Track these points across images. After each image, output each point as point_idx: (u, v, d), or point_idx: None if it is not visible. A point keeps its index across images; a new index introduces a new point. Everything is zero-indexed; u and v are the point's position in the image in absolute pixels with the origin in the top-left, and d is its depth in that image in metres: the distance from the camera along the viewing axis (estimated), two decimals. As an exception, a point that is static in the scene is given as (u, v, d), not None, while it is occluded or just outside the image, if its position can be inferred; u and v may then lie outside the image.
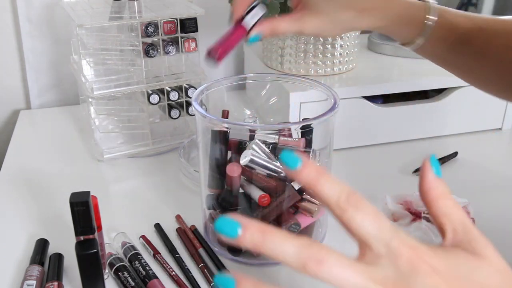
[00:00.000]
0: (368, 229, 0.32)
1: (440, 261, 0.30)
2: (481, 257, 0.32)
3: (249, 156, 0.57)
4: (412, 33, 0.58)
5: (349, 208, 0.32)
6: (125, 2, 0.86)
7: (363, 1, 0.56)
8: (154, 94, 0.83)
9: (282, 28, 0.55)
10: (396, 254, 0.30)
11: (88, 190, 0.53)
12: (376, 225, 0.32)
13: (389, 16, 0.57)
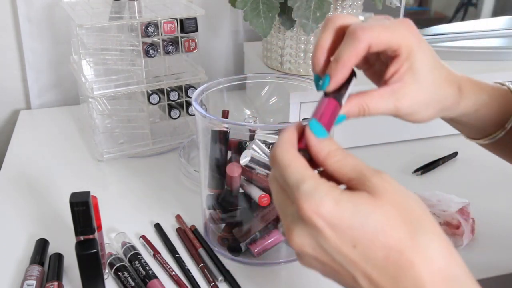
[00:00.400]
0: None
1: (337, 213, 0.33)
2: (377, 195, 0.34)
3: (249, 156, 0.57)
4: (497, 122, 0.51)
5: None
6: (125, 2, 0.86)
7: (460, 79, 0.48)
8: (154, 94, 0.83)
9: (374, 107, 0.43)
10: (300, 212, 0.34)
11: (88, 190, 0.53)
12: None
13: (481, 99, 0.49)
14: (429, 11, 1.17)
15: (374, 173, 0.35)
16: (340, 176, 0.36)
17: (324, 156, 0.37)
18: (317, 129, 0.38)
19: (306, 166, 0.36)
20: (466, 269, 0.38)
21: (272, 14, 0.77)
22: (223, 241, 0.62)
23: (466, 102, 0.49)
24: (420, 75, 0.44)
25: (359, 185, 0.35)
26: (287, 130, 0.38)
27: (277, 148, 0.37)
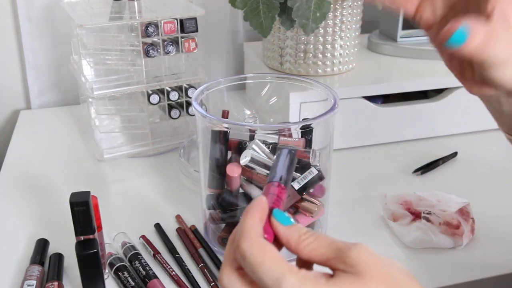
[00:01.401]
0: None
1: None
2: (361, 274, 0.32)
3: (249, 156, 0.57)
4: None
5: None
6: (125, 2, 0.86)
7: None
8: (154, 94, 0.83)
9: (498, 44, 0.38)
10: None
11: (88, 190, 0.53)
12: None
13: None
14: (429, 11, 1.16)
15: (351, 246, 0.34)
16: (317, 258, 0.34)
17: (295, 241, 0.35)
18: (282, 217, 0.37)
19: (281, 259, 0.33)
20: None
21: (272, 14, 0.77)
22: (223, 241, 0.62)
23: None
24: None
25: (339, 263, 0.33)
26: (249, 216, 0.35)
27: (243, 242, 0.34)
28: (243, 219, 0.36)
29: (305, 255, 0.35)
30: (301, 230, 0.35)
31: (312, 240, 0.35)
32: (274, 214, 0.37)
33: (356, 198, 0.74)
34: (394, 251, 0.63)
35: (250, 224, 0.35)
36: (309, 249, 0.34)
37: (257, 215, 0.36)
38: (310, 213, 0.60)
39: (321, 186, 0.61)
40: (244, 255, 0.33)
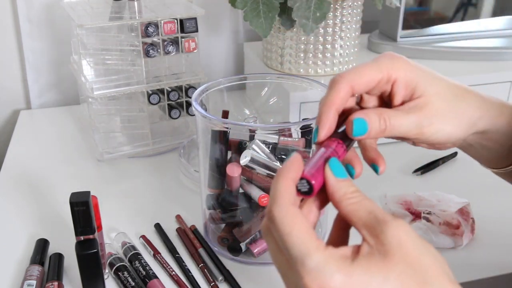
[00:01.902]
0: None
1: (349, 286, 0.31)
2: (391, 255, 0.32)
3: (249, 156, 0.57)
4: None
5: None
6: (125, 2, 0.86)
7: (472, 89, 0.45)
8: (154, 94, 0.83)
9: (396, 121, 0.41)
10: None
11: (88, 190, 0.53)
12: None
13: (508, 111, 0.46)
14: (429, 11, 1.17)
15: (389, 221, 0.33)
16: (353, 219, 0.35)
17: (339, 196, 0.35)
18: (337, 168, 0.37)
19: (309, 233, 0.33)
20: None
21: (272, 14, 0.77)
22: (223, 241, 0.62)
23: (493, 111, 0.45)
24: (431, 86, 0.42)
25: (372, 236, 0.33)
26: (281, 178, 0.35)
27: (274, 208, 0.34)
28: (275, 180, 0.35)
29: (344, 212, 0.35)
30: (349, 188, 0.36)
31: (356, 201, 0.35)
32: (330, 163, 0.36)
33: (356, 198, 0.74)
34: (394, 251, 0.63)
35: (282, 188, 0.34)
36: (349, 209, 0.35)
37: (290, 176, 0.35)
38: (310, 213, 0.60)
39: (321, 186, 0.61)
40: (273, 222, 0.33)
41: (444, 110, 0.42)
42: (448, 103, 0.43)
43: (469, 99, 0.44)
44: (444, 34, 1.04)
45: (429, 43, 1.00)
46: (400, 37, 0.99)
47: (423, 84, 0.42)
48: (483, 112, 0.45)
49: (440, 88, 0.43)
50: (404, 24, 0.98)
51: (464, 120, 0.44)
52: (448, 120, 0.43)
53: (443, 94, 0.43)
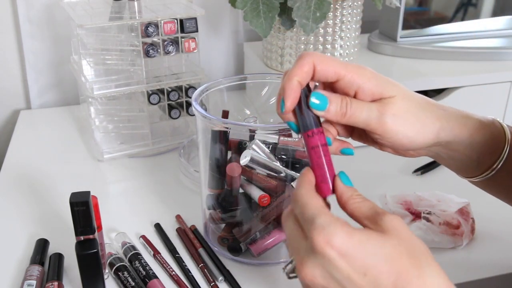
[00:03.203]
0: None
1: (349, 243, 0.36)
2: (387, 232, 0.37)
3: (249, 156, 0.57)
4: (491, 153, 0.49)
5: None
6: (125, 2, 0.86)
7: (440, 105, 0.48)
8: (154, 94, 0.83)
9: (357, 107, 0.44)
10: (312, 244, 0.37)
11: (88, 190, 0.53)
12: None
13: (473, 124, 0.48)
14: (429, 11, 1.17)
15: (387, 213, 0.39)
16: (356, 215, 0.40)
17: (346, 197, 0.42)
18: (345, 178, 0.44)
19: (323, 205, 0.40)
20: None
21: (272, 14, 0.77)
22: (223, 241, 0.62)
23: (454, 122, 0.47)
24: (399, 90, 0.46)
25: (372, 223, 0.39)
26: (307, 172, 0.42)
27: (298, 188, 0.41)
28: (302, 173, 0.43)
29: (349, 210, 0.41)
30: (354, 192, 0.42)
31: (359, 201, 0.41)
32: (340, 175, 0.43)
33: (356, 198, 0.74)
34: (394, 251, 0.63)
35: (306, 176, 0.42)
36: (353, 207, 0.41)
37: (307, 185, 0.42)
38: (310, 213, 0.60)
39: (321, 186, 0.61)
40: (296, 198, 0.41)
41: (407, 114, 0.45)
42: (412, 109, 0.45)
43: (430, 110, 0.47)
44: (444, 34, 1.04)
45: (429, 43, 1.00)
46: (400, 37, 0.99)
47: (391, 89, 0.45)
48: (444, 124, 0.47)
49: (405, 95, 0.46)
50: (404, 24, 0.98)
51: (427, 129, 0.46)
52: (410, 124, 0.45)
53: (408, 101, 0.45)
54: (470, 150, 0.48)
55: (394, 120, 0.44)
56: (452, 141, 0.48)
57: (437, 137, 0.47)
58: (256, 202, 0.59)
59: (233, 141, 0.62)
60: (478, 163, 0.50)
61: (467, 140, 0.48)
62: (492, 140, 0.48)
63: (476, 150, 0.48)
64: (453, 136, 0.47)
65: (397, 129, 0.45)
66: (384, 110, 0.44)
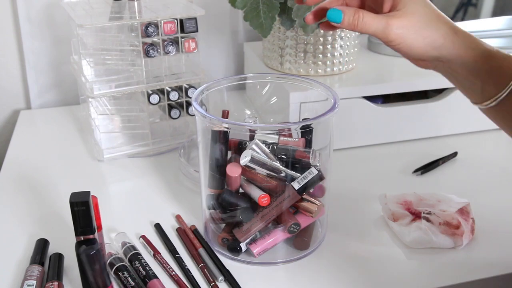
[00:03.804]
0: None
1: None
2: None
3: (249, 156, 0.57)
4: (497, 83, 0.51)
5: None
6: (125, 2, 0.86)
7: (455, 25, 0.52)
8: (154, 94, 0.83)
9: (367, 20, 0.50)
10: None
11: (88, 190, 0.53)
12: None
13: (480, 51, 0.51)
14: (429, 11, 1.16)
15: None
16: None
17: None
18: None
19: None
20: None
21: (272, 14, 0.77)
22: (223, 241, 0.62)
23: (462, 44, 0.51)
24: (412, 5, 0.50)
25: None
26: None
27: None
28: None
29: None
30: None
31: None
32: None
33: (356, 198, 0.74)
34: (394, 251, 0.63)
35: None
36: None
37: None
38: (310, 213, 0.60)
39: (321, 186, 0.61)
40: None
41: (411, 28, 0.50)
42: (417, 25, 0.51)
43: (438, 27, 0.51)
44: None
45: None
46: (400, 37, 0.99)
47: (404, 1, 0.51)
48: (448, 42, 0.51)
49: (418, 9, 0.51)
50: (404, 24, 0.98)
51: (425, 41, 0.51)
52: (412, 39, 0.51)
53: (418, 15, 0.51)
54: (474, 76, 0.52)
55: (398, 33, 0.50)
56: (454, 60, 0.52)
57: (439, 53, 0.52)
58: (256, 202, 0.59)
59: (233, 141, 0.62)
60: (482, 90, 0.52)
61: (471, 65, 0.51)
62: (498, 71, 0.50)
63: (481, 77, 0.51)
64: (456, 56, 0.51)
65: (399, 41, 0.51)
66: (391, 23, 0.50)
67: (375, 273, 0.60)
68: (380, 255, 0.62)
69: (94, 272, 0.53)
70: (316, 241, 0.64)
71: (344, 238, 0.66)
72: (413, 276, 0.59)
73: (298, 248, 0.62)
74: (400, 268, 0.60)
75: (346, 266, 0.61)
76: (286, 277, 0.60)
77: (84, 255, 0.53)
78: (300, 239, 0.62)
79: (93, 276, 0.53)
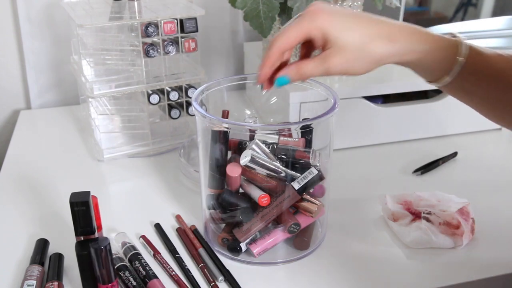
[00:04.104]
0: None
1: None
2: None
3: (249, 156, 0.57)
4: (443, 70, 0.54)
5: None
6: (125, 2, 0.86)
7: (395, 30, 0.53)
8: (154, 94, 0.83)
9: (309, 70, 0.53)
10: None
11: (88, 190, 0.53)
12: None
13: (422, 49, 0.53)
14: (429, 11, 1.17)
15: None
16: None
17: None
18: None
19: None
20: None
21: (272, 14, 0.77)
22: (223, 241, 0.62)
23: (401, 51, 0.53)
24: (343, 38, 0.51)
25: None
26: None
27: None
28: None
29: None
30: None
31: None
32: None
33: (356, 198, 0.74)
34: (394, 251, 0.63)
35: None
36: None
37: None
38: (310, 213, 0.60)
39: (321, 186, 0.61)
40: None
41: (348, 60, 0.52)
42: (351, 55, 0.52)
43: (374, 48, 0.52)
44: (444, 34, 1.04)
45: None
46: (400, 37, 0.99)
47: (334, 37, 0.52)
48: (392, 53, 0.53)
49: (349, 39, 0.52)
50: (404, 24, 0.98)
51: (369, 60, 0.53)
52: (351, 65, 0.52)
53: (350, 47, 0.52)
54: (421, 69, 0.56)
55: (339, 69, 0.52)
56: (400, 63, 0.54)
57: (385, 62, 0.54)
58: (256, 202, 0.59)
59: (233, 141, 0.62)
60: (431, 76, 0.56)
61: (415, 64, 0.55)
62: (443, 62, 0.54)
63: (428, 70, 0.56)
64: (400, 60, 0.54)
65: (344, 72, 0.53)
66: (329, 64, 0.52)
67: (375, 273, 0.60)
68: (380, 255, 0.62)
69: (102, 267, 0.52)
70: (316, 241, 0.64)
71: (344, 238, 0.65)
72: (413, 276, 0.59)
73: (298, 248, 0.62)
74: (400, 268, 0.60)
75: (346, 266, 0.61)
76: (286, 277, 0.60)
77: (84, 255, 0.53)
78: (300, 239, 0.62)
79: (100, 271, 0.52)
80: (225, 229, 0.63)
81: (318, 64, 0.52)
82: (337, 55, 0.52)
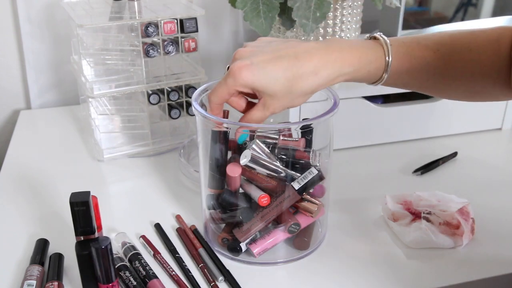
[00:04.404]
0: None
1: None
2: None
3: (249, 156, 0.57)
4: (378, 75, 0.58)
5: None
6: (125, 2, 0.86)
7: (319, 62, 0.55)
8: (154, 94, 0.83)
9: (257, 118, 0.56)
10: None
11: (88, 190, 0.53)
12: None
13: (350, 70, 0.56)
14: (429, 11, 1.17)
15: None
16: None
17: None
18: None
19: None
20: None
21: (272, 14, 0.77)
22: (223, 241, 0.62)
23: (329, 79, 0.55)
24: (268, 91, 0.54)
25: None
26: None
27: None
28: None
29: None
30: None
31: None
32: None
33: (356, 198, 0.74)
34: (394, 251, 0.63)
35: None
36: None
37: None
38: (310, 213, 0.60)
39: (321, 186, 0.61)
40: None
41: (283, 101, 0.55)
42: (284, 96, 0.55)
43: (302, 85, 0.54)
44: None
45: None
46: (400, 37, 0.99)
47: (262, 90, 0.55)
48: (321, 84, 0.55)
49: (275, 89, 0.54)
50: (404, 24, 0.98)
51: (302, 95, 0.55)
52: (289, 103, 0.56)
53: (279, 92, 0.54)
54: (358, 81, 0.59)
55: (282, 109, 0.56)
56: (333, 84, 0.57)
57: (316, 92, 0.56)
58: (256, 202, 0.59)
59: (233, 141, 0.62)
60: (369, 81, 0.60)
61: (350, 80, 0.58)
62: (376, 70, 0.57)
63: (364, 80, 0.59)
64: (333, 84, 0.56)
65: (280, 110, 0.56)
66: (271, 110, 0.56)
67: (375, 273, 0.60)
68: (380, 255, 0.62)
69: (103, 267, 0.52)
70: (316, 241, 0.64)
71: (344, 238, 0.66)
72: (413, 276, 0.59)
73: (298, 248, 0.62)
74: (400, 268, 0.60)
75: (346, 266, 0.61)
76: (286, 277, 0.60)
77: (84, 255, 0.53)
78: (300, 239, 0.62)
79: (100, 271, 0.52)
80: (225, 229, 0.63)
81: (262, 111, 0.56)
82: (273, 101, 0.55)
